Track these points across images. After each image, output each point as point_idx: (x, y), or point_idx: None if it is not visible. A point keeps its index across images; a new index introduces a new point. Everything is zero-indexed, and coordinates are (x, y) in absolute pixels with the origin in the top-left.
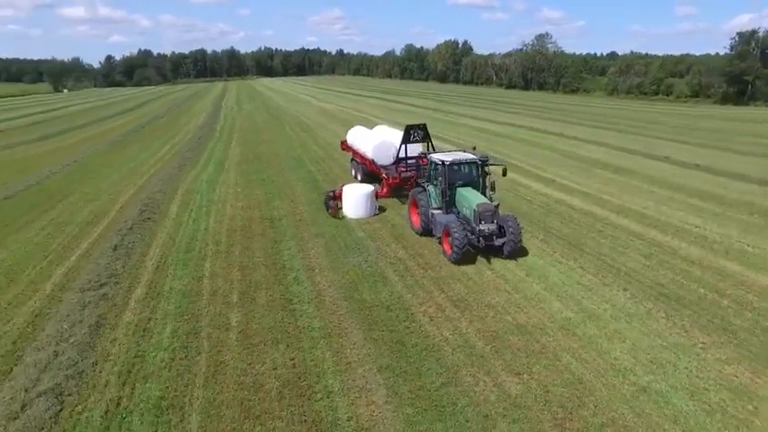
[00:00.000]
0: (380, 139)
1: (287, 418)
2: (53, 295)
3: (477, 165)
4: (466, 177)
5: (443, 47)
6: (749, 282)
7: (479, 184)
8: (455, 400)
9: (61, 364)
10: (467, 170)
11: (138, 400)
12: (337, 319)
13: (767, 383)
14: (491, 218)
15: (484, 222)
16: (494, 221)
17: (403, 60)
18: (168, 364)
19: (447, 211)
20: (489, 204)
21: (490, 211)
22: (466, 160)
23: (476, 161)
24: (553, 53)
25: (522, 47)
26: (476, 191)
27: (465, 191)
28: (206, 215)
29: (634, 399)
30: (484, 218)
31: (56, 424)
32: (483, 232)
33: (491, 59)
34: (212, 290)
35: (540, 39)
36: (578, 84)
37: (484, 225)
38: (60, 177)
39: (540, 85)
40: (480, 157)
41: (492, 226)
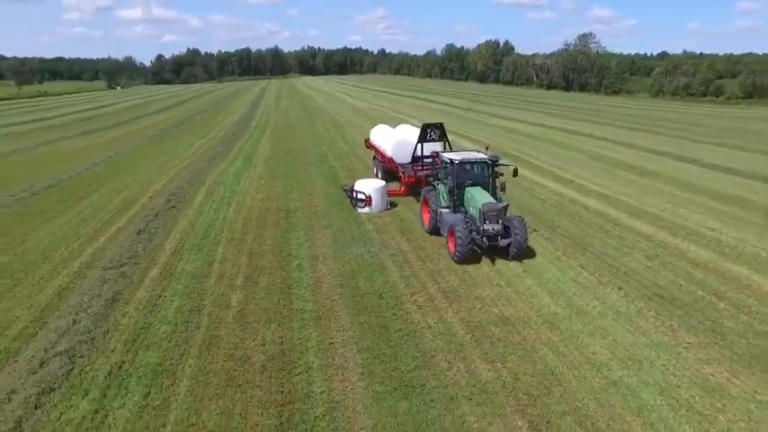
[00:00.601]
0: (400, 137)
1: (266, 388)
2: (79, 272)
3: (488, 164)
4: (475, 177)
5: (484, 47)
6: (754, 286)
7: (489, 185)
8: (425, 381)
9: (77, 330)
10: (476, 170)
11: (138, 365)
12: (330, 303)
13: (743, 384)
14: (496, 218)
15: (488, 222)
16: (498, 222)
17: (443, 60)
18: (169, 335)
19: (455, 210)
20: (495, 204)
21: (495, 211)
22: (475, 159)
23: (486, 161)
24: (596, 53)
25: (565, 47)
26: (484, 191)
27: (473, 190)
28: (227, 205)
29: (602, 391)
30: (488, 218)
31: (66, 380)
32: (487, 232)
33: (532, 60)
34: (220, 273)
35: (583, 38)
36: (621, 85)
37: (488, 225)
38: (100, 168)
39: (581, 87)
40: (491, 157)
41: (497, 226)
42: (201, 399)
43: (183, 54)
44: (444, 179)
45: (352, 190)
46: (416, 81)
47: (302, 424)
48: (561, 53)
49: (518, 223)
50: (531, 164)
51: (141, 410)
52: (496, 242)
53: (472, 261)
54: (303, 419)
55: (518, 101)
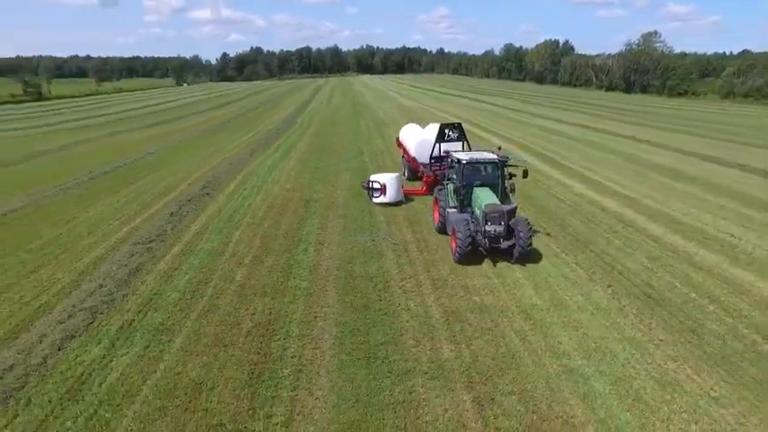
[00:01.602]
0: (422, 137)
1: (246, 349)
2: (114, 246)
3: (497, 165)
4: (484, 177)
5: (542, 46)
6: (754, 291)
7: (498, 186)
8: (388, 355)
9: (102, 292)
10: (485, 170)
11: (145, 323)
12: (323, 283)
13: (702, 381)
14: (498, 219)
15: (490, 223)
16: (501, 223)
17: (501, 60)
18: (176, 301)
19: (461, 210)
20: (498, 205)
21: (498, 212)
22: (484, 159)
23: (495, 161)
24: (660, 53)
25: (626, 46)
26: (492, 192)
27: (480, 190)
28: (255, 194)
29: (555, 377)
30: (491, 219)
31: (86, 331)
32: (489, 234)
33: (591, 60)
34: (233, 252)
35: (647, 37)
36: (687, 86)
37: (490, 226)
38: (151, 158)
39: (643, 88)
40: (500, 158)
41: (499, 228)
42: (190, 354)
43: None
44: (453, 179)
45: (369, 182)
46: (472, 81)
47: (269, 381)
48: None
49: (522, 226)
50: (560, 164)
51: (139, 359)
52: (498, 244)
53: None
54: (270, 377)
55: (569, 102)
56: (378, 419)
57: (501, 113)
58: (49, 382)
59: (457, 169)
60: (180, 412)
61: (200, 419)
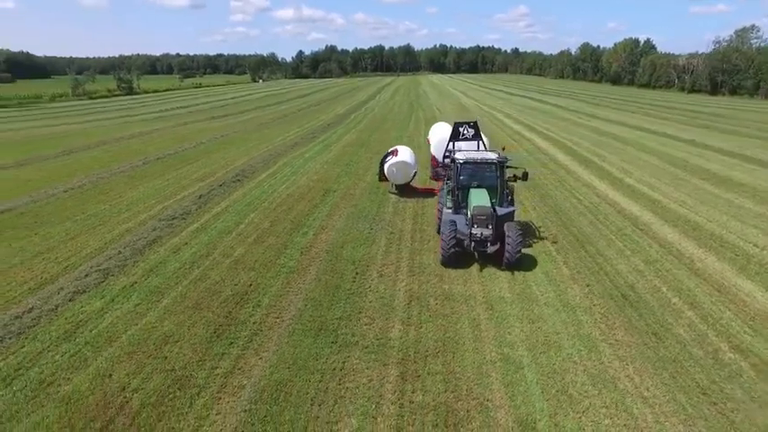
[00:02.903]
0: (441, 136)
1: (217, 313)
2: (143, 221)
3: (495, 166)
4: (483, 178)
5: (621, 45)
6: (747, 301)
7: (497, 187)
8: (338, 329)
9: (119, 258)
10: (483, 171)
11: (143, 285)
12: (308, 263)
13: (638, 382)
14: (485, 222)
15: (477, 226)
16: (488, 227)
17: (576, 60)
18: (175, 270)
19: (456, 211)
20: (486, 207)
21: (485, 215)
22: (481, 160)
23: (493, 162)
24: (755, 50)
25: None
26: (487, 193)
27: (476, 192)
28: (282, 182)
29: (489, 363)
30: (477, 221)
31: (95, 288)
32: (475, 237)
33: (674, 60)
34: (240, 232)
35: (742, 33)
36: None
37: (477, 229)
38: (202, 148)
39: (732, 90)
40: (498, 158)
41: (486, 231)
42: (170, 313)
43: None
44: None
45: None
46: (543, 82)
47: (225, 340)
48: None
49: (513, 231)
50: (596, 165)
51: (128, 313)
52: (484, 248)
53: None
54: (228, 337)
55: (639, 104)
56: (305, 381)
57: (558, 114)
58: (53, 325)
59: (453, 169)
60: (143, 357)
61: (157, 365)
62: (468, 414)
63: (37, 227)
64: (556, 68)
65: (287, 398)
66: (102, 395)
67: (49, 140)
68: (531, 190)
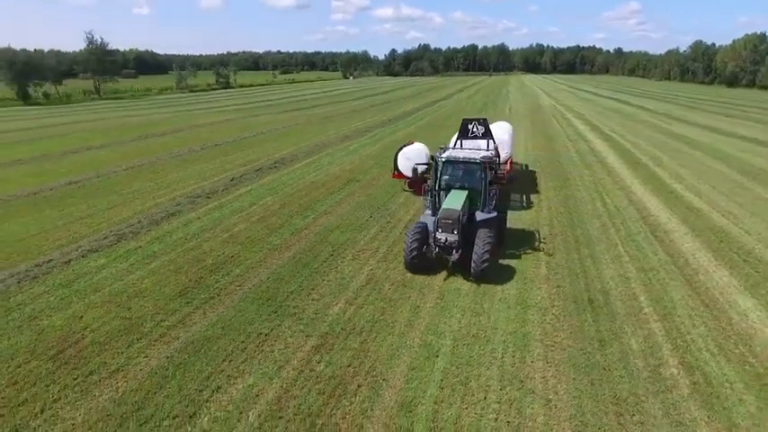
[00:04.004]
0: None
1: (190, 277)
2: (174, 197)
3: (479, 166)
4: (465, 179)
5: (741, 42)
6: (735, 320)
7: (481, 190)
8: (283, 301)
9: (137, 226)
10: (466, 171)
11: (145, 250)
12: (293, 241)
13: (553, 384)
14: (451, 227)
15: (441, 230)
16: (453, 231)
17: (686, 60)
18: (178, 239)
19: (434, 212)
20: (452, 211)
21: (450, 219)
22: (463, 159)
23: (476, 161)
24: None
25: None
26: (465, 195)
27: (454, 193)
28: (313, 170)
29: (406, 347)
30: (442, 225)
31: (107, 248)
32: (439, 242)
33: None
34: (249, 212)
35: None
36: None
37: (441, 234)
38: (260, 137)
39: None
40: (483, 158)
41: (451, 236)
42: (153, 274)
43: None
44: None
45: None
46: (644, 84)
47: (185, 299)
48: None
49: (481, 240)
50: (646, 169)
51: (120, 271)
52: (449, 254)
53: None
54: (188, 297)
55: (744, 108)
56: (229, 340)
57: (638, 116)
58: (61, 274)
59: (433, 167)
60: (113, 306)
61: (119, 313)
62: (358, 389)
63: (88, 197)
64: (662, 69)
65: (206, 352)
66: (67, 331)
67: (135, 127)
68: (557, 190)
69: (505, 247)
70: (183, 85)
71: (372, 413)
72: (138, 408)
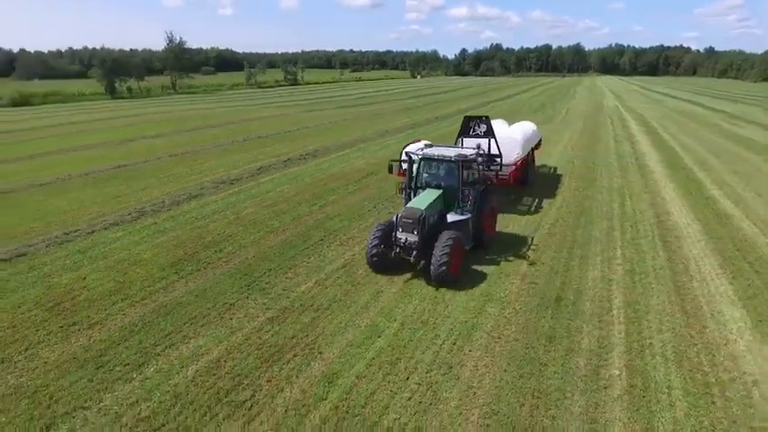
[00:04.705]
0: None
1: (187, 250)
2: (201, 183)
3: (455, 165)
4: (441, 178)
5: None
6: (709, 329)
7: (456, 190)
8: (260, 276)
9: (158, 205)
10: (441, 170)
11: (158, 225)
12: (291, 226)
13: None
14: (411, 227)
15: (401, 230)
16: (414, 232)
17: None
18: (189, 219)
19: None
20: (414, 210)
21: (410, 219)
22: (438, 156)
23: (450, 159)
24: None
25: None
26: (437, 195)
27: (426, 192)
28: (341, 163)
29: (353, 326)
30: (402, 224)
31: (127, 223)
32: (399, 241)
33: None
34: (263, 198)
35: None
36: None
37: (401, 233)
38: (302, 132)
39: None
40: (457, 156)
41: (411, 237)
42: (157, 247)
43: (485, 49)
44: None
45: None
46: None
47: (174, 269)
48: None
49: (442, 242)
50: (688, 172)
51: (131, 242)
52: (408, 255)
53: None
54: (178, 268)
55: None
56: (196, 307)
57: (704, 118)
58: (82, 242)
59: (407, 165)
60: (112, 272)
61: (115, 277)
62: (293, 358)
63: (130, 180)
64: (759, 69)
65: (174, 315)
66: (69, 288)
67: (193, 119)
68: (577, 192)
69: (495, 244)
70: (252, 81)
71: (296, 380)
72: (100, 355)
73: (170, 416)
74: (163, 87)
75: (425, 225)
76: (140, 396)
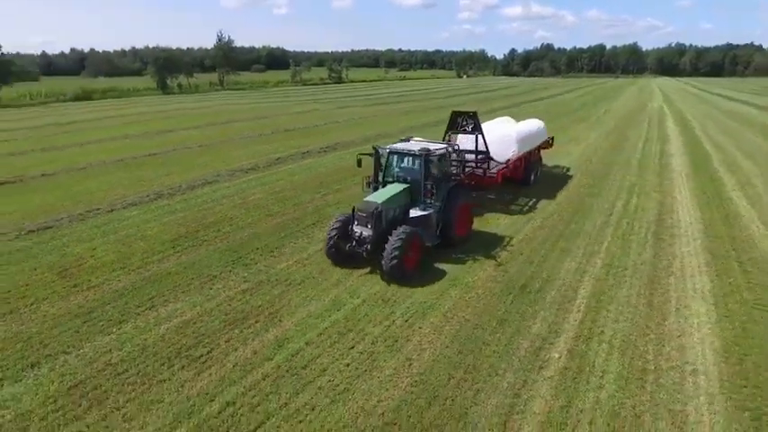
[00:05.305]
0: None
1: (189, 228)
2: (219, 171)
3: (419, 159)
4: (407, 172)
5: None
6: (667, 324)
7: (420, 184)
8: (248, 254)
9: (176, 189)
10: (407, 164)
11: (171, 206)
12: (290, 211)
13: (424, 348)
14: (365, 220)
15: (357, 223)
16: (368, 225)
17: None
18: (199, 203)
19: None
20: (370, 204)
21: (365, 213)
22: (403, 150)
23: (414, 153)
24: None
25: None
26: (400, 189)
27: (389, 186)
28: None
29: (318, 299)
30: (358, 218)
31: (145, 203)
32: (354, 234)
33: None
34: (275, 185)
35: None
36: None
37: (357, 226)
38: (331, 126)
39: None
40: (421, 150)
41: (365, 231)
42: (163, 224)
43: (535, 49)
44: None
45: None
46: None
47: (173, 243)
48: None
49: (396, 237)
50: (712, 173)
51: (142, 221)
52: (361, 248)
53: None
54: (178, 243)
55: None
56: (182, 275)
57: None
58: (99, 219)
59: (374, 158)
60: (120, 245)
61: (122, 249)
62: (254, 323)
63: (157, 166)
64: None
65: (161, 282)
66: (80, 257)
67: (229, 113)
68: (583, 189)
69: (478, 234)
70: (297, 79)
71: (251, 342)
72: (89, 311)
73: (134, 364)
74: (210, 84)
75: (382, 219)
76: (114, 346)
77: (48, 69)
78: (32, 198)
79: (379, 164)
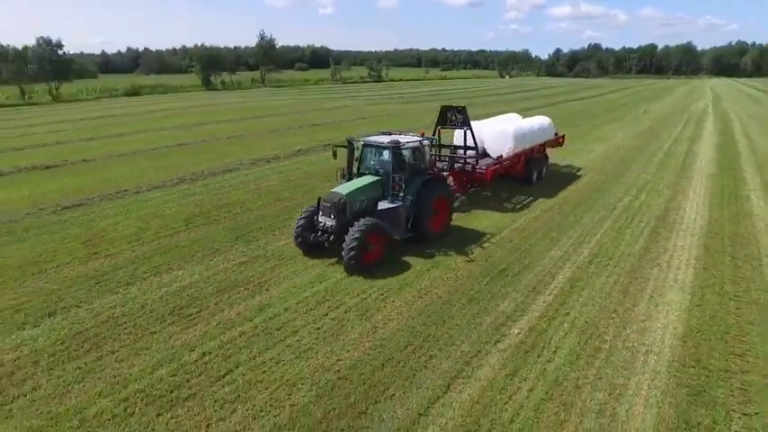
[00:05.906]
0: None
1: (201, 209)
2: (241, 160)
3: (389, 151)
4: (379, 165)
5: None
6: (636, 311)
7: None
8: (249, 232)
9: (198, 175)
10: (378, 156)
11: (190, 190)
12: (299, 197)
13: (392, 318)
14: (329, 211)
15: (321, 214)
16: (331, 216)
17: None
18: (216, 188)
19: None
20: (334, 195)
21: (329, 203)
22: (374, 143)
23: (384, 146)
24: None
25: None
26: (370, 181)
27: (359, 178)
28: None
29: (305, 273)
30: (322, 208)
31: (167, 187)
32: (318, 225)
33: None
34: (288, 174)
35: None
36: None
37: (322, 217)
38: (357, 122)
39: None
40: (390, 143)
41: (329, 221)
42: (180, 206)
43: (582, 49)
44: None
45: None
46: None
47: (181, 222)
48: None
49: (356, 229)
50: (737, 173)
51: (162, 202)
52: (323, 239)
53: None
54: (187, 223)
55: None
56: (189, 248)
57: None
58: (125, 199)
59: (348, 150)
60: (139, 221)
61: (139, 225)
62: (243, 290)
63: (186, 155)
64: None
65: (170, 253)
66: (103, 230)
67: (265, 108)
68: (591, 185)
69: (471, 223)
70: (337, 77)
71: (237, 306)
72: (103, 275)
73: (132, 318)
74: (252, 81)
75: (346, 210)
76: (118, 303)
77: (105, 68)
78: (72, 180)
79: (352, 155)
